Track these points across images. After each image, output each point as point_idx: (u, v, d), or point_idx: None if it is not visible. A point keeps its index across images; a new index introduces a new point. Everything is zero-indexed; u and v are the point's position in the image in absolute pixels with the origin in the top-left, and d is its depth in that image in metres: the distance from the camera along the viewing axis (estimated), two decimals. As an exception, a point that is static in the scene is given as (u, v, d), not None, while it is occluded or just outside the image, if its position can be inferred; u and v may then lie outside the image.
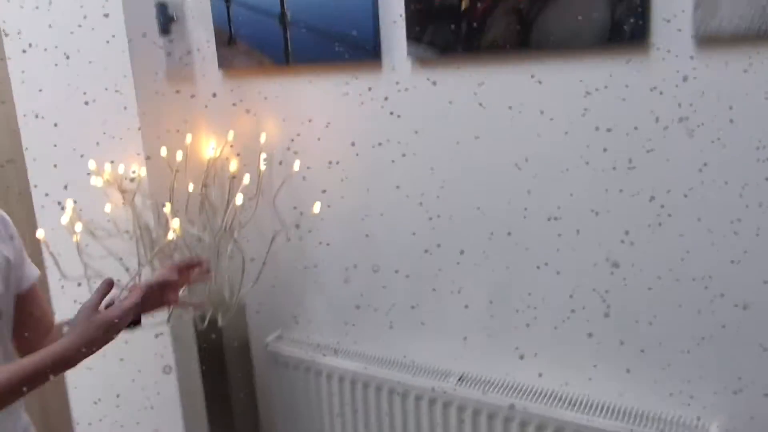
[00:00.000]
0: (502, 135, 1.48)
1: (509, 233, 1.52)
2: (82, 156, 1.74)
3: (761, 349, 1.30)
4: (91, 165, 1.69)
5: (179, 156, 1.76)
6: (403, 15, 1.53)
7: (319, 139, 1.73)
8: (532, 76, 1.42)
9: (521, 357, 1.57)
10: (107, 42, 1.72)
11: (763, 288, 1.28)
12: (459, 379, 1.61)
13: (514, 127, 1.46)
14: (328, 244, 1.79)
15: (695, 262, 1.33)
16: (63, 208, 1.67)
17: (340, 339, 1.83)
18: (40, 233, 1.53)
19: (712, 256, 1.31)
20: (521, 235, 1.51)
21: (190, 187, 1.77)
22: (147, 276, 1.73)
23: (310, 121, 1.73)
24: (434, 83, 1.54)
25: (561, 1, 1.34)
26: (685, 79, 1.27)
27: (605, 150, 1.37)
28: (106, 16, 1.71)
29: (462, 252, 1.59)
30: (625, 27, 1.29)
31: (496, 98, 1.47)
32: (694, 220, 1.31)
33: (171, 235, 1.53)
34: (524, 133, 1.45)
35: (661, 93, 1.29)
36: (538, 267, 1.50)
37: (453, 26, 1.47)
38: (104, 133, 1.75)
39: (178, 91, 1.86)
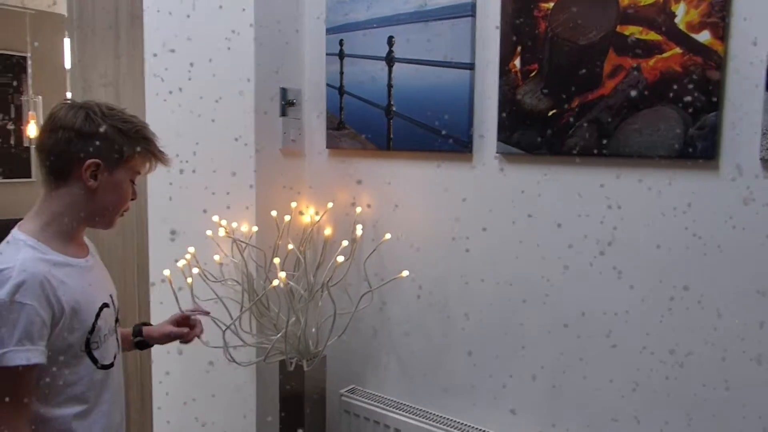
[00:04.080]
0: (575, 230, 1.57)
1: (581, 316, 1.58)
2: (205, 211, 1.91)
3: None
4: (215, 218, 1.84)
5: (286, 218, 1.91)
6: (496, 116, 1.67)
7: (407, 216, 1.85)
8: (605, 182, 1.52)
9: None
10: (237, 126, 1.92)
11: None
12: (519, 447, 1.64)
13: (588, 224, 1.55)
14: (407, 309, 1.88)
15: None
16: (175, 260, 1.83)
17: (410, 397, 1.89)
18: (166, 272, 1.68)
19: None
20: (588, 323, 1.57)
21: (290, 246, 1.90)
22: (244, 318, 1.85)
23: (401, 200, 1.87)
24: (519, 179, 1.65)
25: (639, 116, 1.46)
26: (750, 198, 1.35)
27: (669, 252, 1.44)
28: (241, 93, 1.91)
29: (534, 335, 1.65)
30: (697, 145, 1.39)
31: (573, 196, 1.57)
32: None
33: (276, 282, 1.65)
34: (594, 231, 1.54)
35: (726, 208, 1.37)
36: (613, 348, 1.55)
37: (539, 130, 1.60)
38: (228, 193, 1.92)
39: (289, 164, 2.02)
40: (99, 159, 1.17)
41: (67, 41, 2.74)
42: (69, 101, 1.22)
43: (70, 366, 1.19)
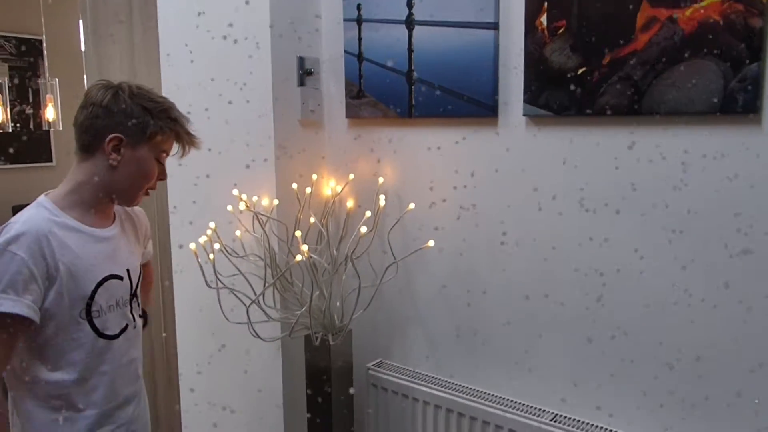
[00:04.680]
0: (609, 192, 1.52)
1: (616, 273, 1.53)
2: (224, 185, 1.88)
3: None
4: (235, 192, 1.82)
5: (308, 191, 1.88)
6: (522, 77, 1.61)
7: (432, 185, 1.81)
8: (640, 142, 1.46)
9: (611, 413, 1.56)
10: (254, 97, 1.89)
11: None
12: (553, 419, 1.61)
13: (623, 185, 1.49)
14: (432, 281, 1.85)
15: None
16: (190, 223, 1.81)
17: (438, 369, 1.87)
18: (192, 246, 1.66)
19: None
20: (623, 293, 1.52)
21: (312, 219, 1.88)
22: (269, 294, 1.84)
23: (425, 168, 1.82)
24: (547, 142, 1.60)
25: (675, 70, 1.39)
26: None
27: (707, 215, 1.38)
28: (257, 64, 1.87)
29: (562, 304, 1.61)
30: (738, 98, 1.32)
31: (605, 158, 1.51)
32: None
33: (299, 257, 1.63)
34: (630, 192, 1.48)
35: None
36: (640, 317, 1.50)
37: (568, 90, 1.54)
38: (247, 167, 1.90)
39: (308, 135, 1.99)
40: (122, 135, 1.23)
41: (81, 23, 2.71)
42: (104, 81, 1.28)
43: (69, 331, 1.21)
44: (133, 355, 1.35)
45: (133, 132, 1.23)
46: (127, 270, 1.33)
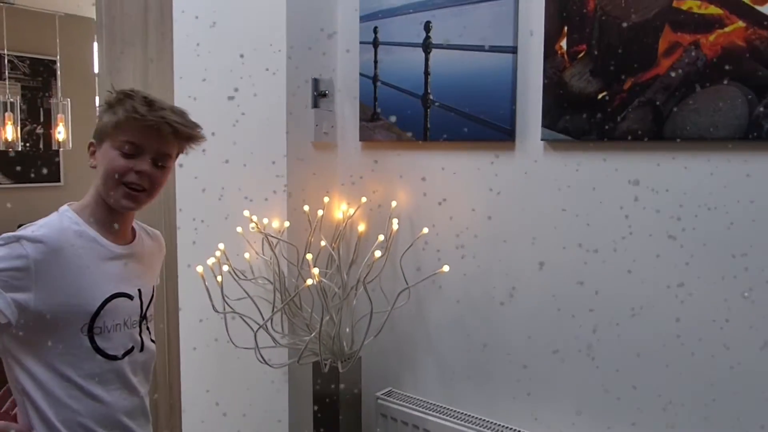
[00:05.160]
0: (629, 221, 1.49)
1: (640, 309, 1.50)
2: (229, 215, 1.87)
3: None
4: (245, 213, 1.80)
5: (319, 213, 1.86)
6: (540, 101, 1.59)
7: (446, 210, 1.79)
8: (660, 165, 1.44)
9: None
10: (268, 118, 1.88)
11: None
12: (569, 454, 1.56)
13: (643, 213, 1.47)
14: (444, 308, 1.81)
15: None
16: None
17: (450, 400, 1.82)
18: (199, 269, 1.64)
19: None
20: (638, 322, 1.48)
21: (323, 242, 1.85)
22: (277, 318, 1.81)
23: (439, 193, 1.80)
24: (565, 166, 1.58)
25: (698, 95, 1.37)
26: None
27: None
28: (272, 85, 1.87)
29: (579, 338, 1.57)
30: (763, 125, 1.30)
31: (626, 184, 1.49)
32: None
33: (309, 281, 1.60)
34: (651, 221, 1.46)
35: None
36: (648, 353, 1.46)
37: (588, 114, 1.52)
38: (258, 188, 1.89)
39: (321, 157, 1.98)
40: (93, 138, 1.24)
41: (95, 45, 2.74)
42: None
43: (69, 345, 1.18)
44: (138, 379, 1.31)
45: (98, 131, 1.23)
46: (139, 290, 1.29)
